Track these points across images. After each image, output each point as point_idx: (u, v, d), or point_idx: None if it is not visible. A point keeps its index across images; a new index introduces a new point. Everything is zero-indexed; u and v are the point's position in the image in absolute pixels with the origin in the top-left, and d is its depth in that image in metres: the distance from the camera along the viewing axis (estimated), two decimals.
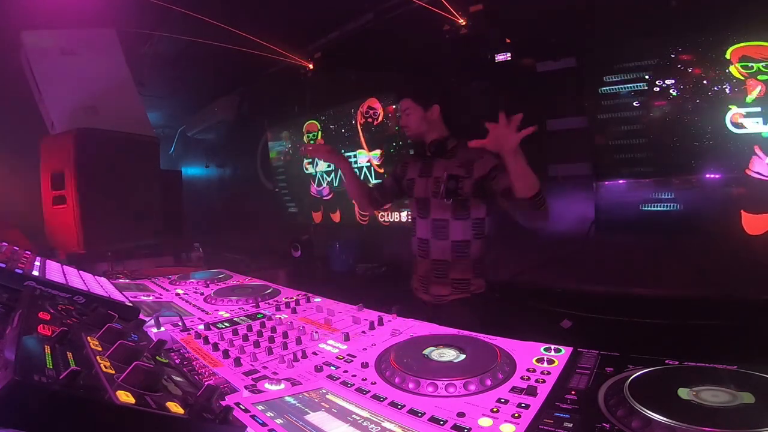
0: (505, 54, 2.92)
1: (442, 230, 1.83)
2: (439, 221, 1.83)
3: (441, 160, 1.84)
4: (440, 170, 1.82)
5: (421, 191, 1.89)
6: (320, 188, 4.46)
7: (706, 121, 2.28)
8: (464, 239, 1.80)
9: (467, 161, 1.78)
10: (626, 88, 2.50)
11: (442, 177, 1.78)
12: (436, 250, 1.84)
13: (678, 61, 2.32)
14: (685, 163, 2.37)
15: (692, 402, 0.62)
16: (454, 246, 1.81)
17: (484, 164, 1.74)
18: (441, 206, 1.82)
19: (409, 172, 1.98)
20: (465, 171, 1.77)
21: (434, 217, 1.84)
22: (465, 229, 1.81)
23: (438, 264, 1.83)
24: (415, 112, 1.86)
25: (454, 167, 1.79)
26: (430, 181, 1.86)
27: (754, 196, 2.18)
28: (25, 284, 0.89)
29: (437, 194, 1.80)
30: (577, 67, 2.71)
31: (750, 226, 2.21)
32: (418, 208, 1.92)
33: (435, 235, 1.84)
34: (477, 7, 2.90)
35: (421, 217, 1.89)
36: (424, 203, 1.88)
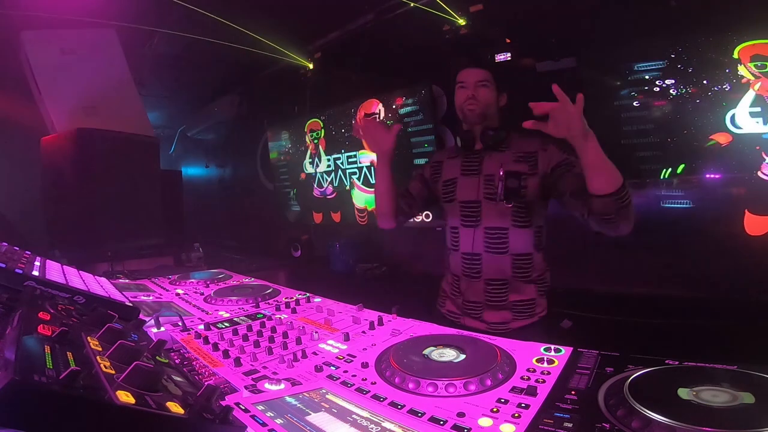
0: (505, 54, 2.92)
1: (500, 242, 1.49)
2: (495, 230, 1.50)
3: (493, 154, 1.53)
4: (494, 166, 1.49)
5: (467, 193, 1.54)
6: (322, 189, 4.46)
7: (707, 121, 2.28)
8: (526, 252, 1.50)
9: (527, 154, 1.48)
10: (626, 88, 2.50)
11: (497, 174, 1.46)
12: (491, 267, 1.50)
13: (678, 60, 2.32)
14: (686, 163, 2.37)
15: (692, 402, 0.62)
16: (515, 261, 1.49)
17: (549, 157, 1.46)
18: (497, 211, 1.49)
19: (446, 172, 1.64)
20: (527, 166, 1.47)
21: (487, 226, 1.51)
22: (527, 239, 1.50)
23: (494, 284, 1.50)
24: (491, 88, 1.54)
25: (510, 162, 1.49)
26: (479, 179, 1.52)
27: (761, 198, 2.17)
28: (25, 284, 0.89)
29: (493, 196, 1.48)
30: (577, 67, 2.71)
31: (751, 226, 2.21)
32: (463, 216, 1.55)
33: (489, 248, 1.50)
34: (477, 7, 2.90)
35: (468, 226, 1.53)
36: (473, 208, 1.53)
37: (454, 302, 1.58)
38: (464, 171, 1.58)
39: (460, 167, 1.59)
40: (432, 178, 1.68)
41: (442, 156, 1.71)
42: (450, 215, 1.62)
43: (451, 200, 1.59)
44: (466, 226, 1.54)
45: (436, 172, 1.67)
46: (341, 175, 4.24)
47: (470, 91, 1.52)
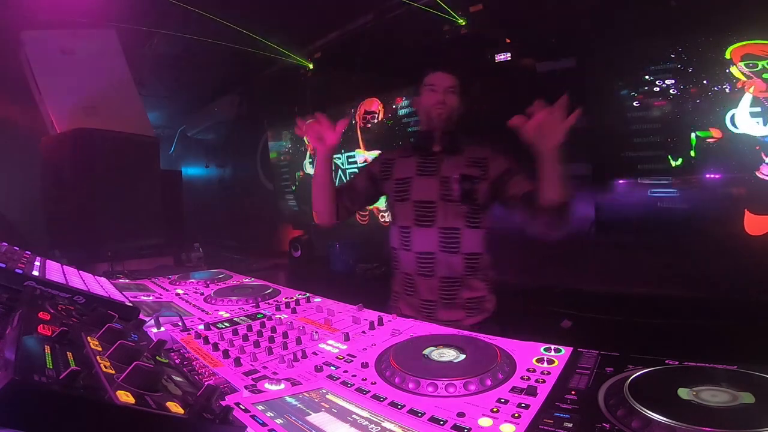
0: (505, 54, 2.92)
1: (453, 241, 1.54)
2: (449, 230, 1.54)
3: (448, 157, 1.59)
4: (450, 168, 1.55)
5: (422, 193, 1.58)
6: None
7: (707, 121, 2.28)
8: (477, 252, 1.56)
9: (479, 159, 1.56)
10: (626, 87, 2.50)
11: (453, 176, 1.53)
12: (444, 265, 1.54)
13: (678, 60, 2.32)
14: (686, 163, 2.37)
15: (692, 402, 0.62)
16: (467, 260, 1.54)
17: (498, 164, 1.54)
18: (452, 212, 1.54)
19: (398, 170, 1.66)
20: (480, 171, 1.54)
21: (442, 226, 1.55)
22: (478, 239, 1.56)
23: (448, 282, 1.54)
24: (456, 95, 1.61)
25: (464, 166, 1.55)
26: (435, 180, 1.57)
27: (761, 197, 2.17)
28: (25, 284, 0.89)
29: (448, 197, 1.53)
30: (577, 67, 2.71)
31: (751, 226, 2.21)
32: (417, 215, 1.58)
33: (443, 247, 1.54)
34: (477, 7, 2.90)
35: (421, 226, 1.57)
36: (428, 208, 1.57)
37: (408, 302, 1.60)
38: (420, 171, 1.61)
39: (416, 167, 1.62)
40: (381, 176, 1.69)
41: (393, 154, 1.73)
42: (401, 214, 1.63)
43: (405, 199, 1.61)
44: (420, 225, 1.57)
45: (386, 170, 1.68)
46: (341, 174, 4.25)
47: (440, 95, 1.58)
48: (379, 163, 1.73)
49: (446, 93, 1.59)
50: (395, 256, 1.67)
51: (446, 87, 1.59)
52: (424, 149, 1.63)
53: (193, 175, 6.59)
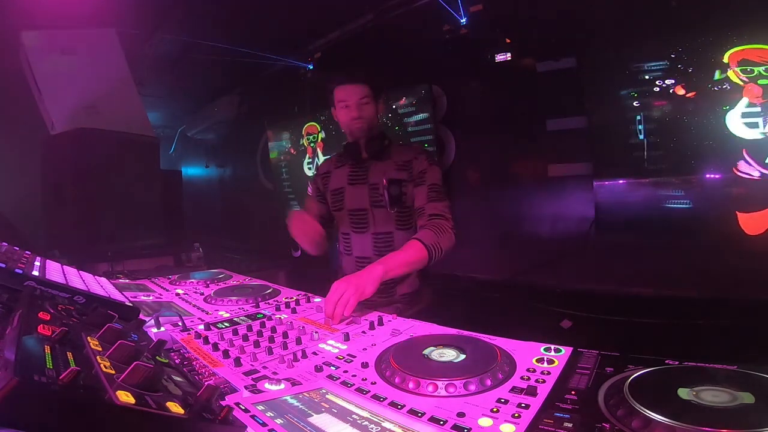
0: (505, 54, 2.92)
1: (386, 244, 1.61)
2: (382, 235, 1.61)
3: (376, 163, 1.62)
4: (378, 175, 1.59)
5: (355, 201, 1.63)
6: None
7: (706, 122, 2.28)
8: None
9: (405, 162, 1.59)
10: (626, 87, 2.50)
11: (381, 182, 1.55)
12: None
13: (678, 61, 2.32)
14: (685, 163, 2.37)
15: (692, 402, 0.62)
16: None
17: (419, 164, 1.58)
18: (383, 217, 1.59)
19: (333, 181, 1.71)
20: (406, 173, 1.58)
21: (375, 231, 1.61)
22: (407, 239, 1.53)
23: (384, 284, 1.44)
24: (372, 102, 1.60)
25: (392, 170, 1.58)
26: (365, 188, 1.62)
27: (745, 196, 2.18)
28: (25, 284, 0.89)
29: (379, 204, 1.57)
30: (577, 67, 2.71)
31: (748, 226, 2.22)
32: (353, 222, 1.64)
33: (378, 250, 1.60)
34: (477, 7, 2.90)
35: (358, 232, 1.64)
36: (361, 216, 1.63)
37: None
38: (351, 180, 1.66)
39: (348, 177, 1.67)
40: (324, 189, 1.75)
41: (329, 166, 1.77)
42: (341, 222, 1.70)
43: (340, 209, 1.67)
44: (357, 232, 1.65)
45: (325, 183, 1.74)
46: None
47: (354, 110, 1.58)
48: (320, 177, 1.78)
49: (360, 106, 1.58)
50: (339, 260, 1.75)
51: (358, 100, 1.57)
52: (354, 158, 1.66)
53: (193, 175, 6.59)
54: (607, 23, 2.51)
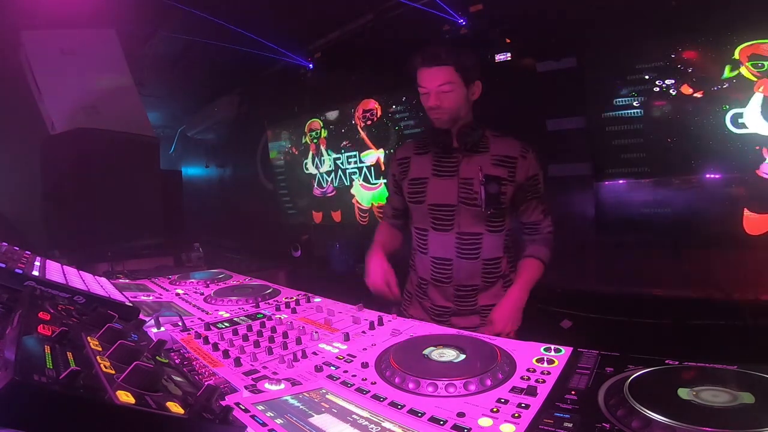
0: (505, 54, 2.92)
1: (473, 247, 1.43)
2: (469, 236, 1.43)
3: (472, 156, 1.42)
4: (472, 169, 1.40)
5: (440, 195, 1.44)
6: (323, 189, 4.46)
7: (707, 121, 2.28)
8: (496, 257, 1.46)
9: (506, 158, 1.40)
10: (626, 87, 2.50)
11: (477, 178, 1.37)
12: (462, 272, 1.44)
13: (678, 61, 2.32)
14: (686, 163, 2.37)
15: (692, 402, 0.62)
16: (485, 266, 1.45)
17: (527, 166, 1.40)
18: (473, 217, 1.41)
19: (414, 169, 1.50)
20: (506, 171, 1.39)
21: (460, 231, 1.43)
22: (497, 244, 1.46)
23: (464, 290, 1.45)
24: (458, 88, 1.37)
25: (489, 166, 1.39)
26: (454, 182, 1.43)
27: (758, 195, 2.17)
28: (25, 284, 0.89)
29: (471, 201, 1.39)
30: (577, 67, 2.71)
31: (750, 226, 2.22)
32: (434, 218, 1.46)
33: (462, 253, 1.44)
34: (477, 7, 2.90)
35: (439, 230, 1.45)
36: (447, 212, 1.44)
37: (421, 305, 1.53)
38: (437, 171, 1.46)
39: (432, 167, 1.47)
40: (401, 176, 1.55)
41: (407, 151, 1.57)
42: (417, 216, 1.52)
43: (420, 201, 1.48)
44: (438, 229, 1.46)
45: (404, 170, 1.54)
46: (341, 174, 4.25)
47: (433, 98, 1.38)
48: (397, 163, 1.57)
49: (439, 93, 1.37)
50: (413, 256, 1.58)
51: (438, 86, 1.36)
52: (441, 147, 1.45)
53: (193, 175, 6.59)
54: (607, 23, 2.51)
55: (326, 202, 4.45)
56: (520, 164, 1.40)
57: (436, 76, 1.36)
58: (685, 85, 2.31)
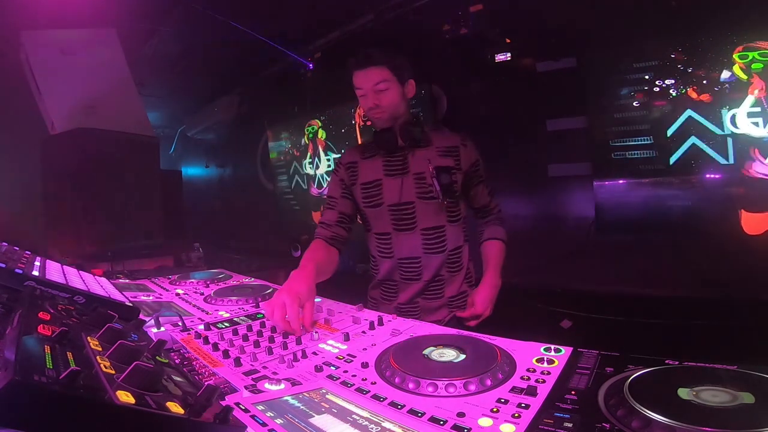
0: (505, 54, 2.92)
1: (438, 241, 1.45)
2: (433, 230, 1.45)
3: (417, 151, 1.45)
4: (421, 163, 1.43)
5: (397, 195, 1.44)
6: (321, 189, 4.46)
7: (707, 121, 2.28)
8: (458, 246, 1.49)
9: (450, 148, 1.45)
10: (626, 87, 2.50)
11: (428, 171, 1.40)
12: (430, 267, 1.46)
13: (678, 60, 2.32)
14: (685, 163, 2.38)
15: (692, 402, 0.62)
16: (449, 257, 1.48)
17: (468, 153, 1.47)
18: (433, 210, 1.44)
19: (364, 173, 1.50)
20: (453, 161, 1.44)
21: (424, 227, 1.44)
22: (458, 233, 1.49)
23: (431, 285, 1.47)
24: (393, 86, 1.41)
25: (436, 157, 1.43)
26: (407, 179, 1.44)
27: (754, 196, 2.18)
28: (25, 284, 0.89)
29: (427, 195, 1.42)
30: (577, 67, 2.71)
31: (749, 226, 2.22)
32: (395, 219, 1.46)
33: (428, 249, 1.45)
34: (477, 7, 2.90)
35: (403, 230, 1.45)
36: (407, 210, 1.44)
37: (387, 308, 1.50)
38: (388, 171, 1.46)
39: (382, 167, 1.47)
40: (350, 181, 1.53)
41: (353, 156, 1.56)
42: (376, 221, 1.50)
43: (378, 204, 1.47)
44: (401, 230, 1.45)
45: (352, 174, 1.52)
46: None
47: (370, 98, 1.41)
48: (344, 167, 1.55)
49: (376, 93, 1.40)
50: (374, 263, 1.57)
51: (373, 86, 1.39)
52: (388, 147, 1.46)
53: (193, 175, 6.59)
54: (607, 23, 2.52)
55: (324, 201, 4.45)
56: (462, 152, 1.46)
57: (370, 77, 1.40)
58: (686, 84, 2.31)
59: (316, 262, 1.30)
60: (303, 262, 1.30)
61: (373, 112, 1.43)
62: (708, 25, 2.22)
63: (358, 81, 1.43)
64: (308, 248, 1.46)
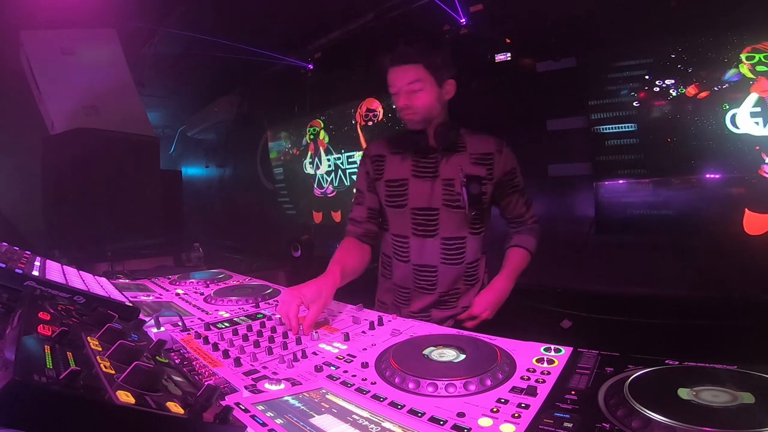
0: (505, 54, 2.93)
1: (457, 252, 1.37)
2: (453, 240, 1.37)
3: (450, 156, 1.36)
4: (452, 169, 1.34)
5: (423, 199, 1.36)
6: (323, 189, 4.46)
7: (706, 121, 2.28)
8: (476, 259, 1.42)
9: (484, 156, 1.35)
10: (626, 88, 2.50)
11: (458, 178, 1.31)
12: (447, 278, 1.39)
13: (678, 61, 2.32)
14: (685, 163, 2.38)
15: (692, 402, 0.62)
16: (467, 270, 1.40)
17: (504, 161, 1.36)
18: (457, 220, 1.35)
19: (391, 170, 1.41)
20: (485, 170, 1.34)
21: (445, 236, 1.37)
22: (478, 246, 1.41)
23: (446, 296, 1.40)
24: (429, 86, 1.31)
25: (469, 165, 1.34)
26: (436, 184, 1.36)
27: (759, 195, 2.18)
28: (25, 284, 0.89)
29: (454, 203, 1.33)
30: (577, 67, 2.71)
31: (750, 226, 2.22)
32: (417, 224, 1.38)
33: (446, 259, 1.38)
34: (477, 7, 2.90)
35: (422, 236, 1.38)
36: (430, 216, 1.37)
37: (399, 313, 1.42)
38: (417, 173, 1.37)
39: (411, 167, 1.39)
40: (375, 175, 1.44)
41: (381, 149, 1.46)
42: (395, 221, 1.42)
43: (402, 205, 1.39)
44: (420, 235, 1.38)
45: (378, 169, 1.43)
46: (341, 175, 4.25)
47: (403, 98, 1.32)
48: (370, 160, 1.46)
49: (409, 93, 1.31)
50: (387, 264, 1.50)
51: (407, 84, 1.30)
52: (419, 147, 1.38)
53: (193, 175, 6.59)
54: (607, 23, 2.52)
55: (326, 202, 4.45)
56: (497, 160, 1.36)
57: (404, 75, 1.31)
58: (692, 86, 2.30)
59: (343, 264, 1.28)
60: (330, 264, 1.28)
61: (405, 113, 1.34)
62: (709, 25, 2.22)
63: (391, 78, 1.34)
64: (339, 246, 1.42)
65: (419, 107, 1.32)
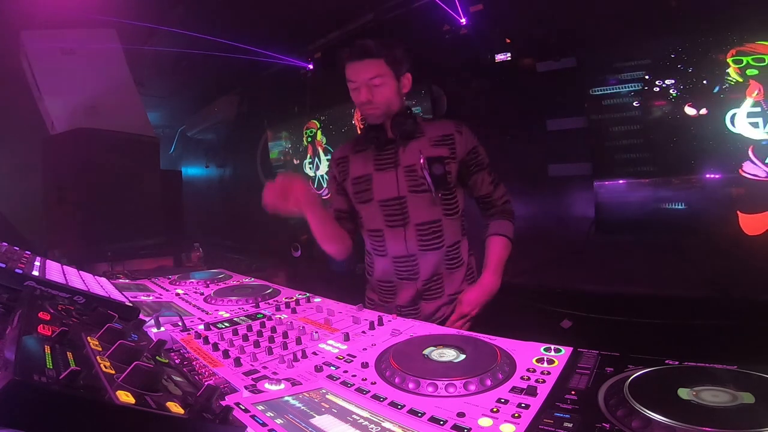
0: (505, 54, 2.92)
1: (434, 236, 1.39)
2: (428, 225, 1.38)
3: (408, 143, 1.39)
4: (412, 155, 1.36)
5: (387, 189, 1.40)
6: (321, 191, 4.46)
7: (706, 121, 2.28)
8: (456, 241, 1.43)
9: (444, 137, 1.38)
10: (626, 88, 2.50)
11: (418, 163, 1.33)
12: (428, 265, 1.40)
13: (678, 61, 2.32)
14: (685, 163, 2.37)
15: (692, 402, 0.62)
16: (448, 253, 1.42)
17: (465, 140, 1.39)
18: (426, 204, 1.37)
19: (354, 168, 1.46)
20: (447, 150, 1.36)
21: (418, 222, 1.38)
22: (456, 227, 1.42)
23: (431, 283, 1.42)
24: (389, 81, 1.34)
25: (428, 147, 1.37)
26: (399, 172, 1.39)
27: (749, 197, 2.18)
28: (25, 284, 0.89)
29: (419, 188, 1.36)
30: (577, 67, 2.71)
31: (747, 226, 2.22)
32: (387, 215, 1.40)
33: (424, 245, 1.39)
34: (477, 7, 2.90)
35: (394, 226, 1.40)
36: (398, 205, 1.39)
37: (387, 309, 1.45)
38: (379, 165, 1.41)
39: (373, 162, 1.42)
40: (341, 177, 1.50)
41: (345, 151, 1.52)
42: (367, 217, 1.46)
43: (368, 200, 1.43)
44: (392, 226, 1.40)
45: (343, 170, 1.49)
46: None
47: (364, 93, 1.34)
48: (335, 164, 1.53)
49: (370, 87, 1.32)
50: (370, 261, 1.53)
51: (368, 79, 1.32)
52: (378, 141, 1.41)
53: (193, 175, 6.59)
54: (607, 23, 2.51)
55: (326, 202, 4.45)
56: (457, 140, 1.38)
57: (365, 70, 1.32)
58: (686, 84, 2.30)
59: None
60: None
61: (366, 108, 1.37)
62: (708, 25, 2.22)
63: (351, 73, 1.35)
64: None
65: (380, 102, 1.35)
